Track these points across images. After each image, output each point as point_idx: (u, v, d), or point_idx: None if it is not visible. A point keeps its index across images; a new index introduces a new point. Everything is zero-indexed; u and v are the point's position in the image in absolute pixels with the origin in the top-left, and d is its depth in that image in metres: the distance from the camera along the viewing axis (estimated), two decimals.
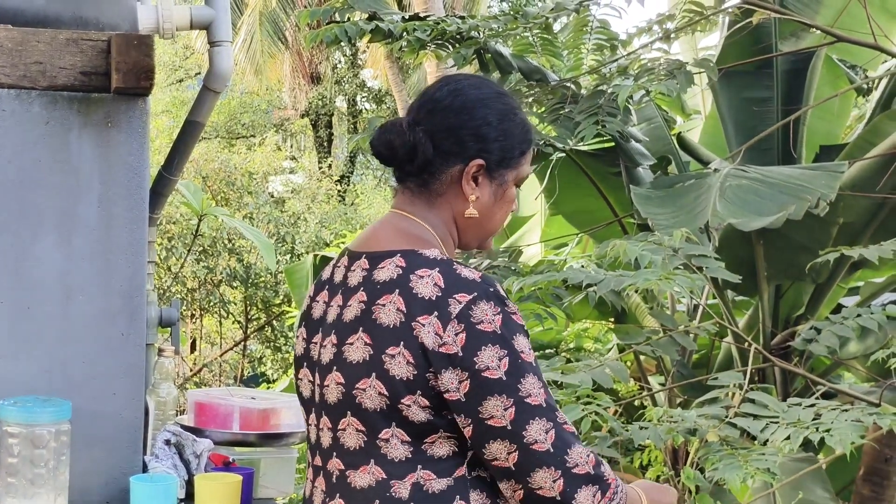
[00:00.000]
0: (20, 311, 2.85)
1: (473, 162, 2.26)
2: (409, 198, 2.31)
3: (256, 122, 20.49)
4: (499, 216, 2.35)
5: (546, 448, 2.09)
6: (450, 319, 2.10)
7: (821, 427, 4.13)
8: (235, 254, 10.89)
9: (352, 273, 2.26)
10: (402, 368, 2.10)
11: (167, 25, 3.19)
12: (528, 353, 2.14)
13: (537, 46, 6.68)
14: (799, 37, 6.86)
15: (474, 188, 2.28)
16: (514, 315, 2.15)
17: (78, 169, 2.88)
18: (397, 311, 2.13)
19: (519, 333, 2.14)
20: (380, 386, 2.12)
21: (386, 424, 2.14)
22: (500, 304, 2.13)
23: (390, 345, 2.12)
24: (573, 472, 2.10)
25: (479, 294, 2.12)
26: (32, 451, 2.64)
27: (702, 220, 5.22)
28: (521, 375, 2.10)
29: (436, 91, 2.32)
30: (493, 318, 2.11)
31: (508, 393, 2.09)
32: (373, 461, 2.16)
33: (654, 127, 7.10)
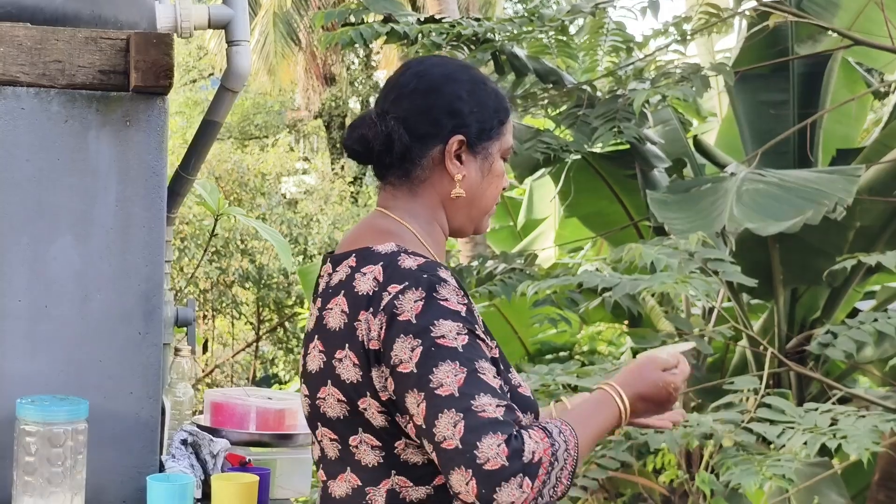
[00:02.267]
0: (37, 311, 2.84)
1: (453, 139, 2.17)
2: (391, 192, 2.22)
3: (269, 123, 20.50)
4: (489, 192, 2.24)
5: (454, 445, 1.90)
6: (378, 313, 2.01)
7: (838, 433, 4.12)
8: (248, 255, 10.89)
9: (321, 279, 2.20)
10: (351, 371, 2.05)
11: (185, 24, 3.18)
12: (454, 338, 1.97)
13: (553, 48, 6.68)
14: (816, 40, 6.85)
15: (459, 167, 2.19)
16: (443, 301, 2.00)
17: (96, 168, 2.87)
18: (342, 314, 2.07)
19: (444, 318, 1.98)
20: (336, 393, 2.07)
21: (352, 431, 2.07)
22: (429, 289, 2.01)
23: (337, 348, 2.06)
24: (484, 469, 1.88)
25: (410, 283, 2.01)
26: (49, 450, 2.63)
27: (718, 224, 5.21)
28: (435, 365, 1.95)
29: (399, 76, 2.24)
30: (413, 306, 1.99)
31: (419, 387, 1.95)
32: (349, 468, 2.10)
33: (670, 129, 7.09)
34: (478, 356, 1.98)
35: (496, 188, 2.25)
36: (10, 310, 2.83)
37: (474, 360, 1.96)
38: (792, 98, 6.93)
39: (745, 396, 4.96)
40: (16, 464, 2.67)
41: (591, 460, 5.06)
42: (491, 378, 1.96)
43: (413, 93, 2.19)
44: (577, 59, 7.02)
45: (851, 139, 7.53)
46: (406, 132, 2.16)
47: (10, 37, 2.82)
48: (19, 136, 2.83)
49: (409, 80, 2.21)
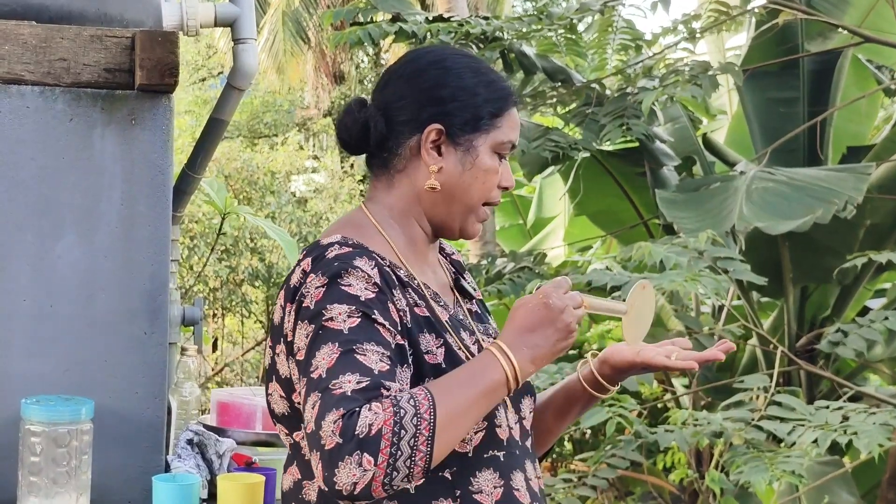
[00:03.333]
0: (42, 310, 2.83)
1: (430, 127, 2.07)
2: (373, 184, 2.16)
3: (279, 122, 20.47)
4: (474, 189, 2.10)
5: (311, 428, 1.81)
6: (294, 302, 1.97)
7: (848, 430, 4.11)
8: (257, 253, 10.88)
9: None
10: (285, 365, 2.01)
11: (191, 22, 3.17)
12: (342, 320, 1.89)
13: (561, 46, 6.66)
14: (826, 37, 6.82)
15: (436, 158, 2.08)
16: (345, 287, 1.93)
17: (101, 166, 2.86)
18: (280, 308, 2.01)
19: (340, 302, 1.91)
20: (278, 388, 2.04)
21: (296, 426, 2.03)
22: (334, 276, 1.93)
23: (276, 343, 2.02)
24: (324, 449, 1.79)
25: (321, 270, 1.95)
26: (54, 451, 2.62)
27: (728, 223, 5.19)
28: (317, 349, 1.88)
29: (393, 64, 2.17)
30: (314, 293, 1.93)
31: (304, 373, 1.89)
32: (294, 462, 2.07)
33: (680, 127, 7.08)
34: (365, 339, 1.88)
35: (482, 185, 2.11)
36: (15, 309, 2.82)
37: (358, 341, 1.87)
38: (802, 95, 6.91)
39: (755, 395, 4.95)
40: (21, 464, 2.66)
41: (602, 459, 5.05)
42: (372, 359, 1.86)
43: (399, 79, 2.13)
44: (586, 58, 7.01)
45: (862, 137, 7.50)
46: (384, 120, 2.09)
47: (16, 35, 2.82)
48: (24, 134, 2.83)
49: (399, 67, 2.15)
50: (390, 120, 2.10)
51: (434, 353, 2.00)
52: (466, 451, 1.98)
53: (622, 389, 4.85)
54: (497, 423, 2.03)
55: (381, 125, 2.09)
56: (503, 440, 2.05)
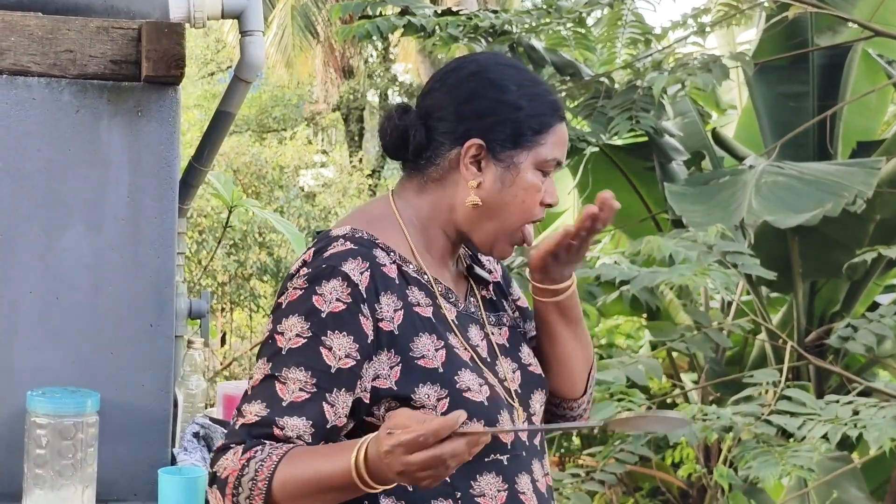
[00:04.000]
0: (48, 302, 2.83)
1: (470, 142, 2.02)
2: (403, 181, 2.12)
3: (287, 116, 20.49)
4: (514, 207, 2.04)
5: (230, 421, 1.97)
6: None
7: (858, 423, 4.09)
8: (266, 247, 10.87)
9: None
10: None
11: (198, 14, 3.16)
12: (290, 338, 1.92)
13: (570, 40, 6.64)
14: (836, 31, 6.80)
15: (476, 173, 2.02)
16: (316, 296, 1.92)
17: (107, 158, 2.85)
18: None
19: (299, 315, 1.92)
20: None
21: None
22: (314, 279, 1.93)
23: None
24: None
25: (307, 270, 1.96)
26: (60, 443, 2.62)
27: (737, 217, 5.18)
28: (261, 356, 1.96)
29: (438, 71, 2.12)
30: (290, 293, 1.95)
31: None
32: None
33: (689, 122, 7.06)
34: (296, 363, 1.90)
35: (524, 204, 2.04)
36: (22, 301, 2.82)
37: (286, 366, 1.91)
38: (811, 90, 6.88)
39: (764, 390, 4.94)
40: (27, 456, 2.65)
41: (610, 455, 5.04)
42: (290, 388, 1.89)
43: (442, 88, 2.07)
44: (595, 52, 6.99)
45: (872, 131, 7.47)
46: (424, 129, 2.05)
47: (22, 26, 2.81)
48: (30, 126, 2.82)
49: (444, 75, 2.10)
50: (430, 130, 2.05)
51: (431, 356, 1.97)
52: None
53: (631, 384, 4.85)
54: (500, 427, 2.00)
55: (422, 135, 2.05)
56: (506, 444, 2.02)
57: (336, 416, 1.92)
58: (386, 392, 1.94)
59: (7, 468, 2.76)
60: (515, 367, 2.12)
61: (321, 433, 1.90)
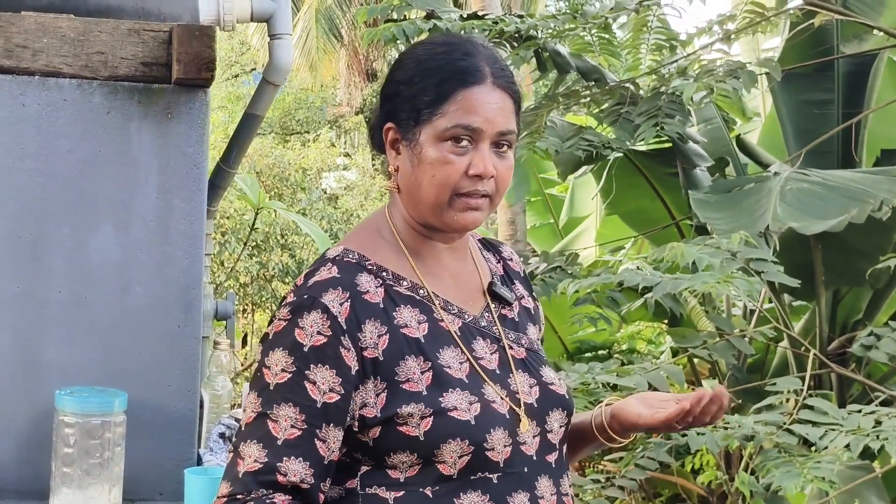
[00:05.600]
0: (77, 302, 2.85)
1: (385, 127, 2.00)
2: None
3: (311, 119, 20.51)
4: (427, 184, 1.95)
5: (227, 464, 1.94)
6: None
7: (881, 435, 4.07)
8: (288, 249, 10.89)
9: None
10: None
11: (228, 17, 3.18)
12: (276, 373, 1.90)
13: (595, 45, 6.63)
14: (861, 38, 6.78)
15: (395, 157, 2.00)
16: (298, 329, 1.90)
17: (137, 159, 2.88)
18: None
19: (283, 348, 1.91)
20: None
21: None
22: (295, 311, 1.91)
23: None
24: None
25: (292, 298, 1.93)
26: (88, 442, 2.64)
27: (762, 224, 5.16)
28: (250, 388, 1.94)
29: None
30: (276, 324, 1.93)
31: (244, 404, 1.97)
32: None
33: (713, 128, 7.05)
34: (284, 399, 1.89)
35: (433, 178, 1.95)
36: (51, 300, 2.84)
37: (276, 402, 1.89)
38: (836, 97, 6.86)
39: (785, 398, 4.92)
40: (54, 455, 2.67)
41: (631, 461, 5.03)
42: (282, 426, 1.88)
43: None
44: (620, 57, 6.98)
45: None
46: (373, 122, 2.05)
47: (54, 28, 2.83)
48: (62, 127, 2.85)
49: None
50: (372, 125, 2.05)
51: (416, 379, 1.94)
52: (451, 474, 1.92)
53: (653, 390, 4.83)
54: (487, 447, 1.93)
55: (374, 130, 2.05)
56: (497, 462, 1.96)
57: (330, 452, 1.91)
58: (372, 421, 1.92)
59: (35, 466, 2.78)
60: (534, 382, 2.07)
61: (320, 471, 1.90)
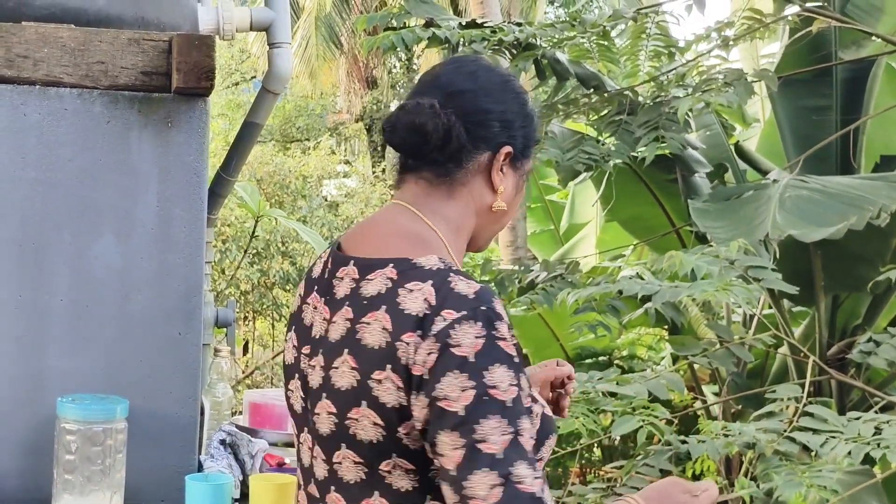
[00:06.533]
0: (78, 309, 2.86)
1: (503, 149, 2.05)
2: (423, 189, 2.06)
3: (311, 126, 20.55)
4: (513, 211, 2.14)
5: (509, 496, 1.75)
6: (427, 337, 1.83)
7: (882, 443, 4.09)
8: (289, 257, 10.90)
9: (338, 281, 2.02)
10: (393, 395, 1.85)
11: (227, 26, 3.20)
12: (505, 389, 1.80)
13: (594, 52, 6.65)
14: (859, 45, 6.79)
15: (500, 178, 2.06)
16: (501, 341, 1.83)
17: (137, 168, 2.89)
18: (382, 331, 1.87)
19: (500, 364, 1.81)
20: (372, 415, 1.87)
21: (386, 456, 1.89)
22: (489, 326, 1.83)
23: (375, 369, 1.86)
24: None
25: (468, 313, 1.83)
26: (89, 449, 2.65)
27: (761, 232, 5.17)
28: (483, 416, 1.78)
29: (450, 73, 2.09)
30: (473, 342, 1.81)
31: (462, 432, 1.78)
32: (377, 493, 1.91)
33: (712, 134, 7.06)
34: (521, 412, 1.82)
35: (517, 209, 2.18)
36: (52, 308, 2.85)
37: (517, 418, 1.81)
38: (835, 104, 6.87)
39: (785, 405, 4.93)
40: (56, 462, 2.69)
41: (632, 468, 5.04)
42: (528, 441, 1.81)
43: (470, 92, 2.04)
44: (619, 64, 6.99)
45: (894, 145, 7.45)
46: (464, 130, 2.02)
47: (55, 38, 2.85)
48: (62, 136, 2.86)
49: (463, 78, 2.06)
50: (469, 132, 2.03)
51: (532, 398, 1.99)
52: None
53: (653, 398, 4.84)
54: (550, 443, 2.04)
55: (464, 136, 2.02)
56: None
57: None
58: None
59: (37, 473, 2.79)
60: None
61: None
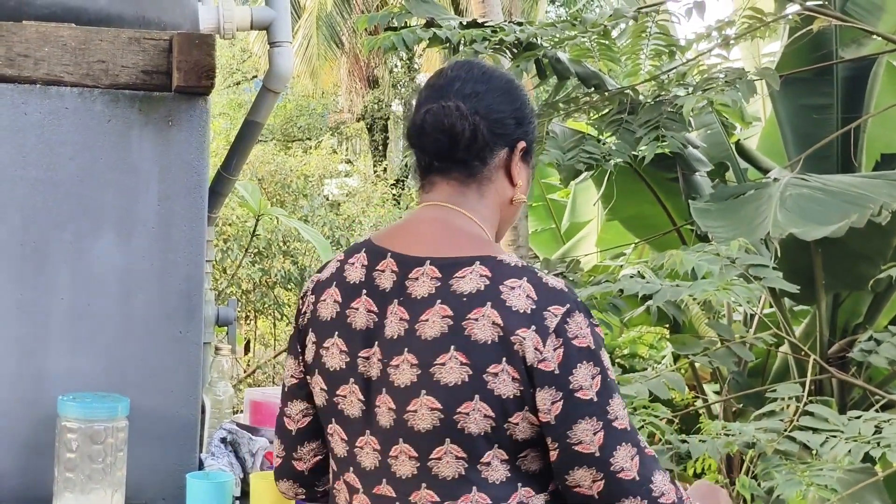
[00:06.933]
0: (79, 308, 2.87)
1: (519, 145, 2.17)
2: (456, 189, 2.14)
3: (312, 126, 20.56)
4: (522, 202, 2.25)
5: (632, 476, 1.97)
6: (548, 334, 1.95)
7: (882, 442, 4.08)
8: (290, 256, 10.90)
9: (412, 282, 2.05)
10: (508, 386, 1.95)
11: (228, 25, 3.20)
12: (609, 367, 2.01)
13: (595, 51, 6.64)
14: (860, 43, 6.79)
15: (518, 172, 2.18)
16: (596, 327, 2.02)
17: (138, 167, 2.89)
18: (493, 326, 1.95)
19: (603, 347, 2.02)
20: (485, 408, 1.95)
21: (489, 447, 1.97)
22: (587, 314, 2.01)
23: (490, 363, 1.95)
24: (659, 501, 1.99)
25: (571, 305, 1.99)
26: (90, 447, 2.65)
27: (762, 231, 5.16)
28: (610, 395, 1.98)
29: (463, 76, 2.16)
30: (586, 333, 1.98)
31: (599, 416, 1.96)
32: (475, 488, 1.98)
33: (712, 133, 7.06)
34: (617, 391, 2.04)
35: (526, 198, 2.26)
36: (53, 307, 2.86)
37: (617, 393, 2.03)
38: (835, 102, 6.87)
39: (786, 404, 4.93)
40: (57, 460, 2.69)
41: None
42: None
43: (486, 94, 2.14)
44: (620, 63, 6.99)
45: (895, 143, 7.45)
46: (487, 129, 2.12)
47: (55, 37, 2.85)
48: (63, 135, 2.86)
49: (476, 81, 2.15)
50: (491, 131, 2.13)
51: None
52: None
53: (654, 398, 4.84)
54: None
55: (489, 135, 2.12)
56: None
57: None
58: None
59: (38, 472, 2.80)
60: None
61: None
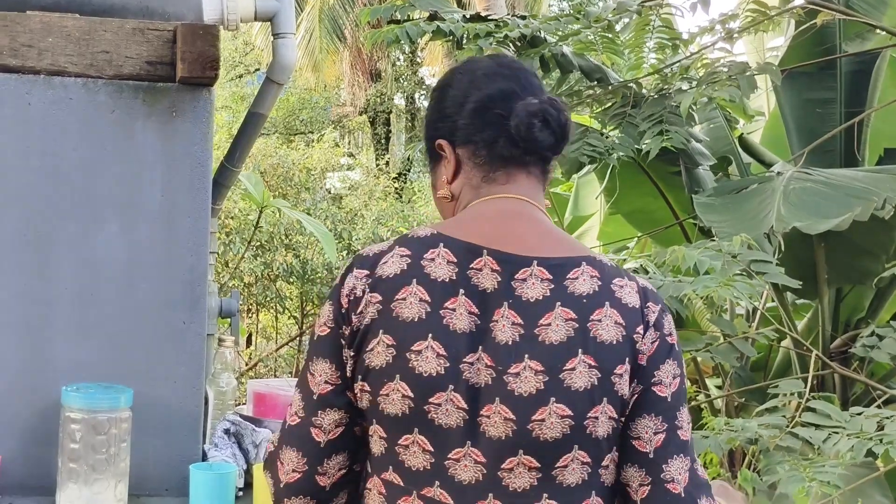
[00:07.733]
0: (83, 299, 2.87)
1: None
2: (533, 184, 2.04)
3: (315, 119, 20.54)
4: None
5: (679, 491, 1.89)
6: (649, 327, 1.92)
7: (884, 438, 4.08)
8: (292, 249, 10.90)
9: (520, 283, 1.91)
10: (626, 386, 1.89)
11: (232, 16, 3.20)
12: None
13: (598, 45, 6.63)
14: (864, 38, 6.78)
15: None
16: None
17: (142, 158, 2.89)
18: (616, 325, 1.89)
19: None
20: (610, 409, 1.88)
21: (608, 449, 1.91)
22: (672, 315, 2.00)
23: (617, 363, 1.88)
24: None
25: (662, 305, 1.97)
26: (94, 438, 2.66)
27: (766, 225, 5.16)
28: (682, 402, 1.93)
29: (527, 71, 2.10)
30: (674, 331, 1.96)
31: (665, 417, 1.91)
32: (593, 492, 1.90)
33: (716, 127, 7.05)
34: None
35: None
36: (57, 297, 2.86)
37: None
38: (839, 96, 6.86)
39: (788, 400, 4.93)
40: (61, 450, 2.69)
41: None
42: None
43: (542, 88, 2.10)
44: (623, 56, 6.98)
45: None
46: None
47: (59, 27, 2.85)
48: (67, 125, 2.86)
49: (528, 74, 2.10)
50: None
51: None
52: None
53: None
54: None
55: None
56: None
57: None
58: None
59: (41, 462, 2.80)
60: None
61: None
